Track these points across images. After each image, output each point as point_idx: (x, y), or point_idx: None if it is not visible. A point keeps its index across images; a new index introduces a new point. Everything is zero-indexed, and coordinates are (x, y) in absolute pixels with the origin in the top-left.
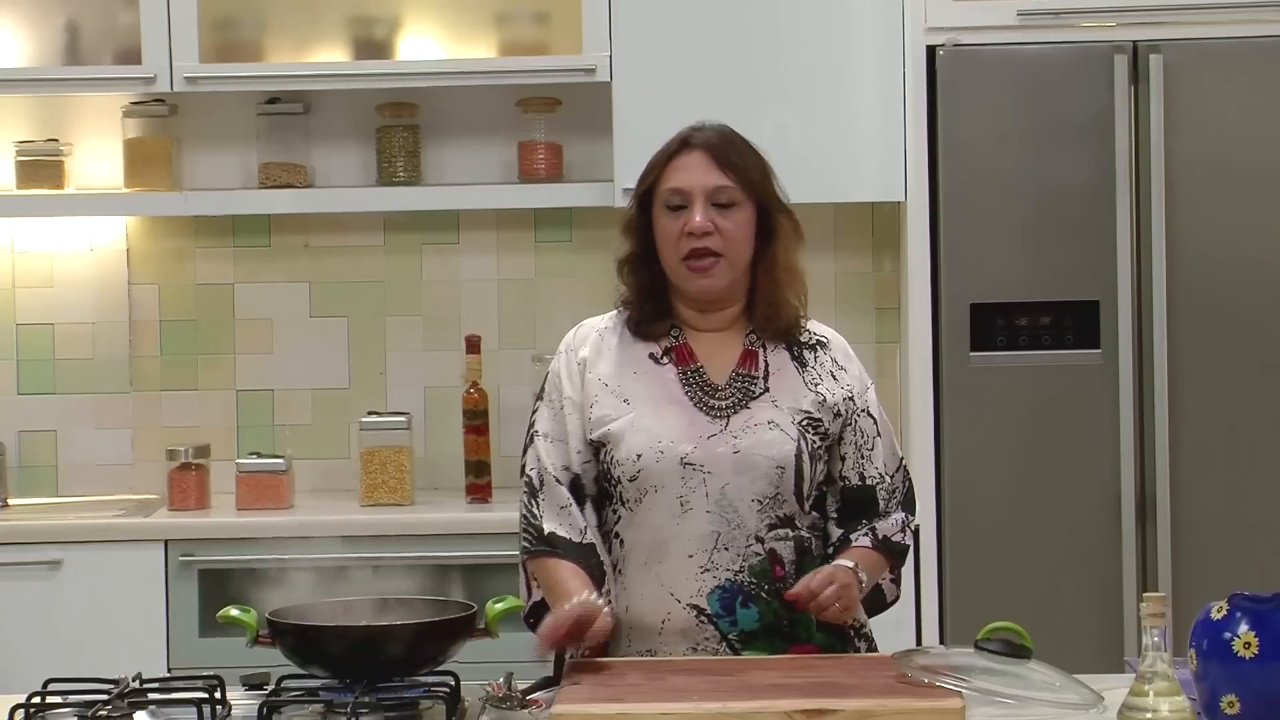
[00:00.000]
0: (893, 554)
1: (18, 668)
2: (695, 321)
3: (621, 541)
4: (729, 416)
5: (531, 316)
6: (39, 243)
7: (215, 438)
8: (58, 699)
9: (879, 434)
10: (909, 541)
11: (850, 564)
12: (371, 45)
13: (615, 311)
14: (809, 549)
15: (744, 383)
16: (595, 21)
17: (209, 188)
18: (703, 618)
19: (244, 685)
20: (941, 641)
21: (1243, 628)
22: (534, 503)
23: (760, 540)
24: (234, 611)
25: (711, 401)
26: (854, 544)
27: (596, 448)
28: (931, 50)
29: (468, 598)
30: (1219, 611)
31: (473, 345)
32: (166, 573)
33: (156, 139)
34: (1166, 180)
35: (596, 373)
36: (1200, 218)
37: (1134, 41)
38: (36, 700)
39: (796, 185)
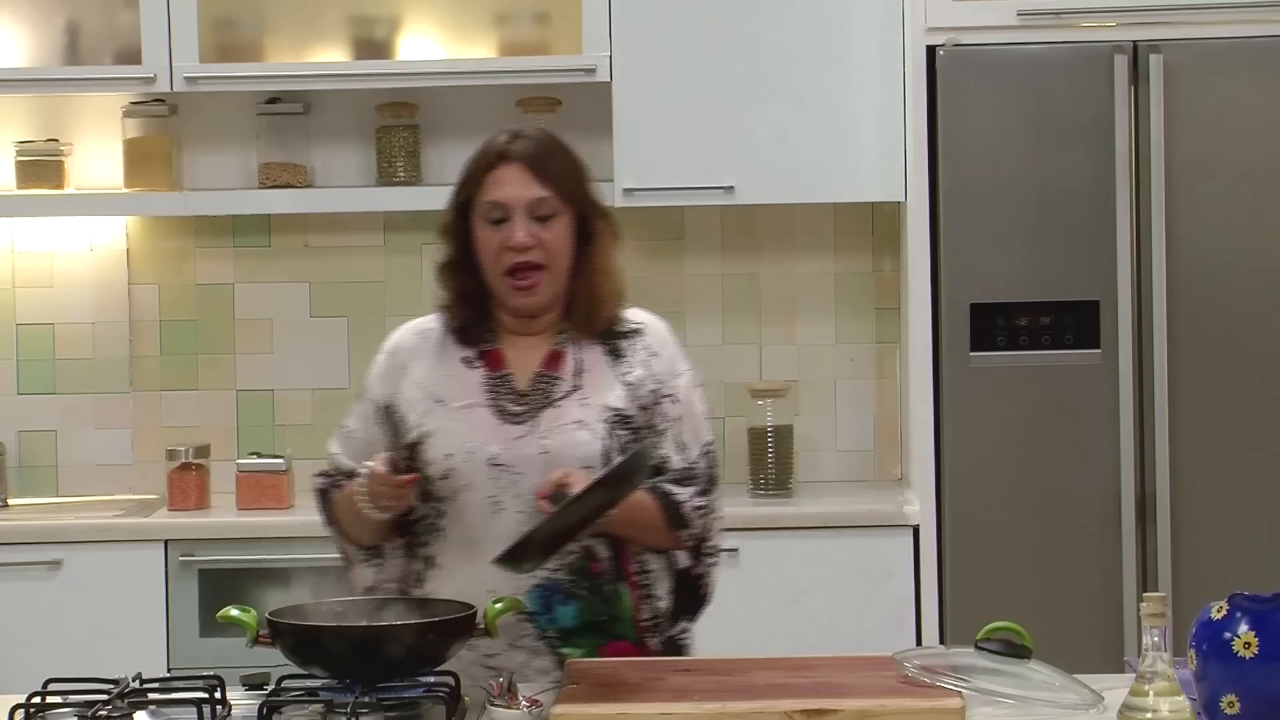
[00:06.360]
0: (666, 503)
1: (18, 668)
2: (514, 326)
3: (441, 535)
4: (534, 418)
5: None
6: (39, 243)
7: (215, 438)
8: (58, 699)
9: (680, 417)
10: (691, 510)
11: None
12: (371, 45)
13: (437, 314)
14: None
15: (546, 384)
16: (595, 21)
17: (209, 188)
18: (520, 615)
19: (244, 685)
20: (941, 641)
21: (1243, 628)
22: (334, 470)
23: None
24: (234, 611)
25: (512, 408)
26: None
27: (412, 450)
28: (931, 50)
29: None
30: (1219, 611)
31: None
32: (166, 573)
33: (156, 139)
34: (1166, 180)
35: (413, 376)
36: (1200, 218)
37: (1134, 41)
38: (36, 700)
39: (796, 185)
